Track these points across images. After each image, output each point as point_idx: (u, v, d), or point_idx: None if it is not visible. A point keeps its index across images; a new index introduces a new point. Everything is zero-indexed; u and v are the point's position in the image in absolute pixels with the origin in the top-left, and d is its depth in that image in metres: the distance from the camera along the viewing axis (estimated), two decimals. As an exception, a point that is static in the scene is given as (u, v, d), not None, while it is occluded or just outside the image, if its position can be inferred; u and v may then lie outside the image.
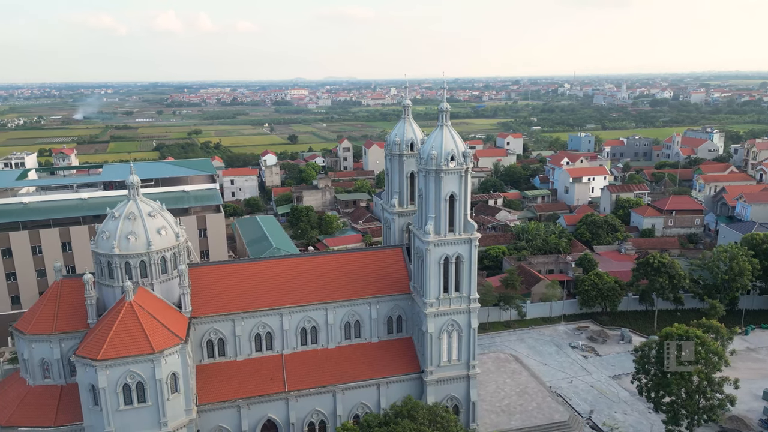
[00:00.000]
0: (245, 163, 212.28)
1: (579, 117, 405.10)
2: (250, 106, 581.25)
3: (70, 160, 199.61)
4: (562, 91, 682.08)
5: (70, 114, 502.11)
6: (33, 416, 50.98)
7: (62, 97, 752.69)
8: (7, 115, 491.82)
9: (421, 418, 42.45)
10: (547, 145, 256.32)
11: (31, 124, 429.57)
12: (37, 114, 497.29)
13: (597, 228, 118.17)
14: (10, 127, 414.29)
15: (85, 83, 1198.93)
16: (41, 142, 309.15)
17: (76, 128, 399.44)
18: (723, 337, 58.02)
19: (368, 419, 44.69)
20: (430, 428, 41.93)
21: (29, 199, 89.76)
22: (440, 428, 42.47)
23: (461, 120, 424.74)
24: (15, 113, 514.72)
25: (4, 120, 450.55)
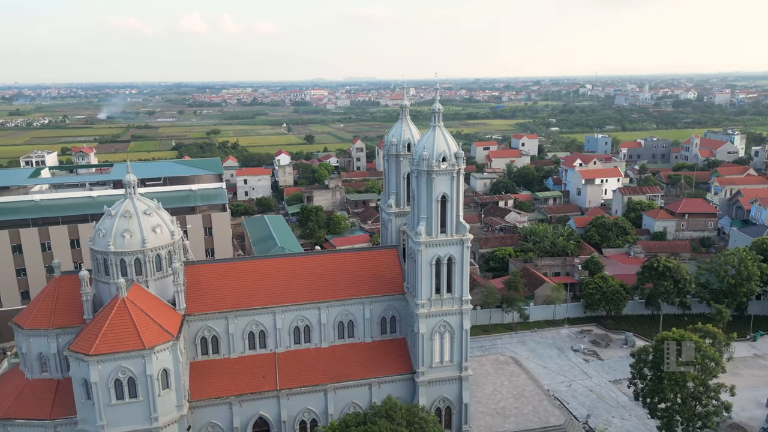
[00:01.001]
0: (260, 162, 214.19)
1: (598, 118, 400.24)
2: (269, 107, 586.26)
3: (89, 158, 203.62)
4: (583, 92, 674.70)
5: (94, 114, 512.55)
6: (29, 409, 52.21)
7: (88, 97, 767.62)
8: (33, 115, 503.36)
9: (399, 419, 42.51)
10: (564, 147, 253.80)
11: (56, 123, 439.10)
12: (63, 113, 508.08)
13: (607, 230, 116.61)
14: (35, 126, 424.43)
15: (110, 83, 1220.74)
16: (64, 141, 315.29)
17: (99, 127, 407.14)
18: (720, 342, 56.91)
19: (347, 418, 44.91)
20: (407, 429, 41.94)
21: (40, 197, 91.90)
22: (418, 429, 42.51)
23: (479, 120, 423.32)
24: (41, 113, 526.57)
25: (30, 119, 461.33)
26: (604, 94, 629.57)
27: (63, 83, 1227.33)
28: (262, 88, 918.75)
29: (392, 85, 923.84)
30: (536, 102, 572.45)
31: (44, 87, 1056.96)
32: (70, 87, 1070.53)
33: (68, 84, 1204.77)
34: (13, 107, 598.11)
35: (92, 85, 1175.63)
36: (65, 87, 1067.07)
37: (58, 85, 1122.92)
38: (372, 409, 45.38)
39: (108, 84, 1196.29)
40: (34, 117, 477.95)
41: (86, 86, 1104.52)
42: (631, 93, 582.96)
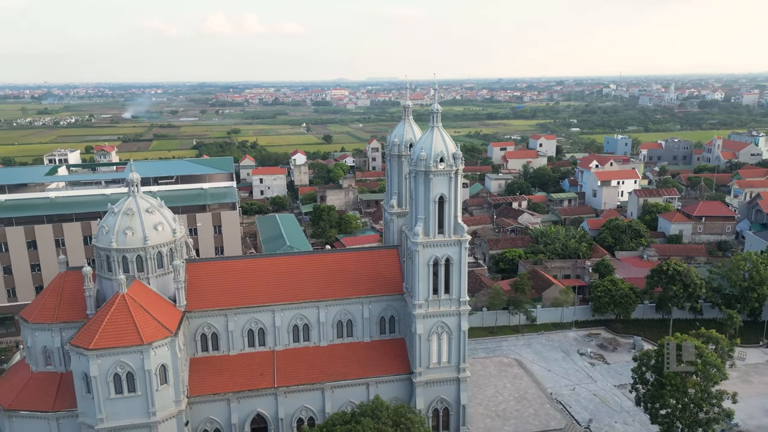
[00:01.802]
0: (276, 162, 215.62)
1: (621, 119, 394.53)
2: (290, 106, 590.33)
3: (110, 157, 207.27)
4: (606, 92, 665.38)
5: (120, 113, 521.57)
6: (33, 401, 53.58)
7: (114, 97, 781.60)
8: (61, 114, 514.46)
9: (385, 418, 42.56)
10: (583, 148, 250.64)
11: (82, 122, 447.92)
12: (89, 113, 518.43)
13: (620, 233, 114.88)
14: (62, 125, 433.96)
15: (137, 83, 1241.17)
16: (89, 139, 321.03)
17: (123, 127, 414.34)
18: (723, 348, 55.75)
19: (334, 417, 45.13)
20: (393, 428, 41.98)
21: (55, 194, 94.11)
22: (404, 429, 42.52)
23: (499, 121, 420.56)
24: (69, 112, 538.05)
25: (57, 118, 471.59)
26: (629, 94, 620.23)
27: (91, 83, 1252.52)
28: (285, 88, 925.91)
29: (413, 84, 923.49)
30: (558, 102, 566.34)
31: (73, 87, 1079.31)
32: (98, 87, 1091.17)
33: (96, 84, 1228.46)
34: (42, 106, 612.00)
35: (119, 84, 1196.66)
36: (93, 87, 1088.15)
37: (86, 85, 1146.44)
38: (359, 408, 45.56)
39: (134, 84, 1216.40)
40: (62, 116, 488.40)
41: (113, 86, 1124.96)
42: (656, 93, 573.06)
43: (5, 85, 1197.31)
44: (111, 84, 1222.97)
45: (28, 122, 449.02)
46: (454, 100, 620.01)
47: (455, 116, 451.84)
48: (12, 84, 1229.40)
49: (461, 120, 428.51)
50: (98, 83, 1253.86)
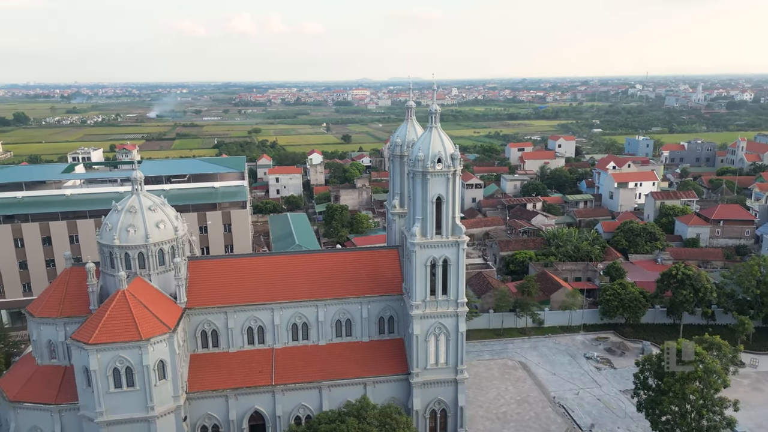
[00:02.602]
0: (294, 161, 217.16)
1: (645, 119, 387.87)
2: (312, 106, 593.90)
3: (132, 155, 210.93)
4: (632, 93, 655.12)
5: (145, 112, 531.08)
6: (37, 393, 54.90)
7: (141, 96, 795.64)
8: (88, 113, 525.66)
9: (370, 418, 42.62)
10: (604, 149, 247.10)
11: (108, 121, 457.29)
12: (116, 112, 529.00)
13: (635, 236, 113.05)
14: (89, 123, 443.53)
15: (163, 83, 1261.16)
16: (114, 138, 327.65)
17: (148, 126, 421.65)
18: (725, 355, 54.52)
19: (319, 417, 45.34)
20: (378, 429, 42.01)
21: (71, 192, 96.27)
22: (389, 429, 42.51)
23: (520, 121, 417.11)
24: (96, 111, 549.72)
25: (85, 117, 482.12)
26: (655, 94, 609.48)
27: (119, 83, 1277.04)
28: (307, 88, 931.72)
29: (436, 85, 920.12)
30: (581, 103, 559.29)
31: (101, 86, 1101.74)
32: (126, 86, 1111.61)
33: (124, 84, 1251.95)
34: (71, 105, 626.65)
35: (146, 84, 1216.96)
36: (121, 86, 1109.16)
37: (114, 85, 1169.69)
38: (347, 407, 45.69)
39: (161, 84, 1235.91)
40: (89, 115, 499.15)
41: (141, 86, 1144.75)
42: (683, 93, 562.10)
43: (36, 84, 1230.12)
44: (138, 84, 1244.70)
45: (56, 121, 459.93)
46: (476, 100, 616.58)
47: (476, 116, 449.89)
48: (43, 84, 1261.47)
49: (482, 120, 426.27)
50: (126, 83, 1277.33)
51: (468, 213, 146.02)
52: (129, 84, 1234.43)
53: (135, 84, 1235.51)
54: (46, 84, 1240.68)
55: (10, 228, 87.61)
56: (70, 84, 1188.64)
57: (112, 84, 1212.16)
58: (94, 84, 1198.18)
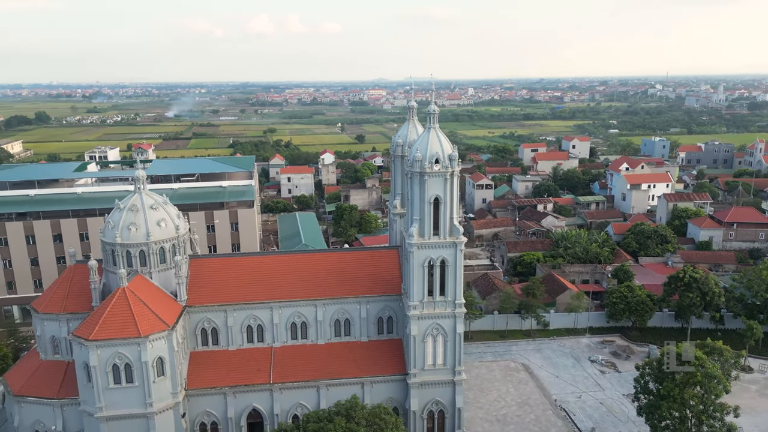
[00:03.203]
0: (307, 161, 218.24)
1: (664, 120, 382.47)
2: (327, 106, 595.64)
3: (147, 154, 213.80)
4: (652, 93, 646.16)
5: (164, 112, 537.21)
6: (40, 388, 56.00)
7: (160, 96, 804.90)
8: (108, 112, 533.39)
9: (359, 418, 42.68)
10: (620, 150, 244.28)
11: (127, 120, 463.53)
12: (135, 111, 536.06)
13: (645, 238, 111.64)
14: (108, 123, 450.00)
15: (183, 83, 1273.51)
16: (132, 137, 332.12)
17: (166, 125, 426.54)
18: (727, 360, 53.61)
19: (308, 416, 45.54)
20: (365, 429, 42.05)
21: (82, 190, 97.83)
22: (377, 429, 42.53)
23: (536, 122, 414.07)
24: (116, 111, 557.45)
25: (105, 117, 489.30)
26: (675, 95, 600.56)
27: (140, 83, 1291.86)
28: (324, 88, 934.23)
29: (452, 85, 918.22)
30: (599, 103, 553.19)
31: (122, 86, 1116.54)
32: (146, 86, 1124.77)
33: (144, 83, 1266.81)
34: (92, 105, 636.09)
35: (166, 84, 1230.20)
36: (141, 86, 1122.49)
37: (135, 85, 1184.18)
38: (336, 407, 45.85)
39: (180, 83, 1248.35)
40: (109, 114, 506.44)
41: (160, 86, 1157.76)
42: (704, 94, 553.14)
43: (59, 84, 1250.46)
44: (158, 84, 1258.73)
45: (77, 120, 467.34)
46: (492, 100, 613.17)
47: (491, 116, 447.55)
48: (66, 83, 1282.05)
49: (497, 120, 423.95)
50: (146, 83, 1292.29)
51: (478, 214, 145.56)
52: (149, 84, 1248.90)
53: (155, 84, 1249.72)
54: (68, 84, 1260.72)
55: (22, 225, 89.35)
56: (91, 84, 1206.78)
57: (132, 84, 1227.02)
58: (116, 84, 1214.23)
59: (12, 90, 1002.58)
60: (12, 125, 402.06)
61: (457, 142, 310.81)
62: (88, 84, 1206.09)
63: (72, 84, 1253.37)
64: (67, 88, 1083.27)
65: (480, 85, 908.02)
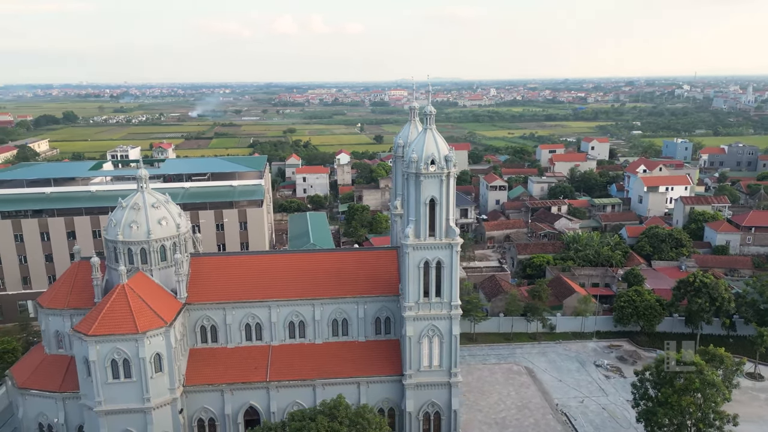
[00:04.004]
0: (323, 161, 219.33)
1: (689, 121, 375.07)
2: (348, 107, 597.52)
3: (167, 153, 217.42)
4: (679, 93, 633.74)
5: (188, 111, 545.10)
6: (43, 381, 57.32)
7: (185, 96, 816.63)
8: (134, 112, 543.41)
9: (342, 417, 42.75)
10: (641, 151, 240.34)
11: (152, 120, 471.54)
12: (160, 111, 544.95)
13: (660, 242, 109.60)
14: (134, 122, 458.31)
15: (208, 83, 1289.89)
16: (156, 137, 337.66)
17: (189, 125, 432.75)
18: (727, 367, 52.40)
19: (293, 414, 45.74)
20: (347, 428, 42.11)
21: (96, 188, 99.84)
22: (360, 430, 42.56)
23: (557, 122, 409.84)
24: (141, 110, 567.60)
25: (130, 116, 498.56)
26: (703, 95, 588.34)
27: (166, 83, 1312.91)
28: (346, 88, 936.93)
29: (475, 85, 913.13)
30: (624, 104, 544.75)
31: (149, 86, 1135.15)
32: (172, 87, 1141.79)
33: (171, 84, 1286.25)
34: (119, 105, 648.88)
35: (192, 84, 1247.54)
36: (168, 87, 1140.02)
37: (161, 85, 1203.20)
38: (321, 406, 45.99)
39: (206, 84, 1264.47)
40: (134, 114, 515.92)
41: (186, 86, 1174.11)
42: (732, 95, 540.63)
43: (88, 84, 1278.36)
44: (184, 84, 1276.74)
45: (103, 120, 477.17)
46: (514, 101, 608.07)
47: (512, 117, 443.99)
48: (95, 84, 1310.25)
49: (518, 121, 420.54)
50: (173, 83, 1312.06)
51: (491, 215, 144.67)
52: (175, 84, 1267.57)
53: (181, 84, 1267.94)
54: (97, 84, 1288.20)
55: (37, 222, 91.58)
56: (120, 84, 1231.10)
57: (159, 84, 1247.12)
58: (143, 84, 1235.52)
59: (43, 90, 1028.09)
60: (41, 124, 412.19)
61: (475, 142, 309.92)
62: (117, 84, 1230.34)
63: (101, 84, 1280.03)
64: (96, 88, 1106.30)
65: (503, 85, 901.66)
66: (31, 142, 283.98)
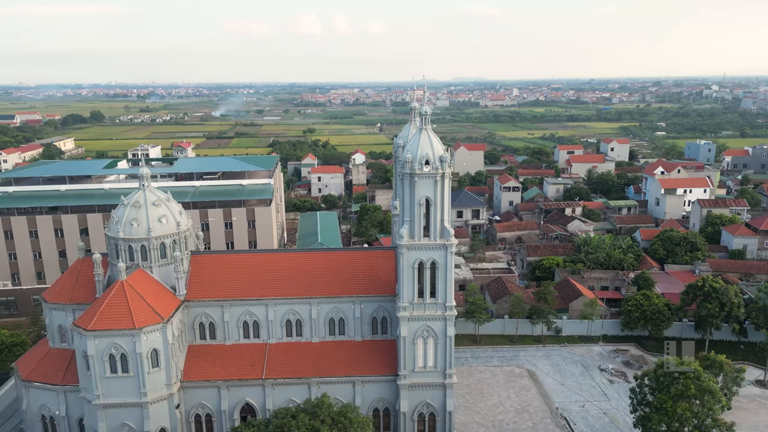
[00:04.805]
0: (340, 161, 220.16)
1: (716, 123, 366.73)
2: (369, 107, 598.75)
3: (186, 153, 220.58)
4: (707, 94, 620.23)
5: (211, 111, 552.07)
6: (46, 374, 58.68)
7: (210, 96, 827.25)
8: (159, 112, 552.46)
9: (323, 416, 42.84)
10: (663, 153, 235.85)
11: (175, 120, 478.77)
12: (184, 111, 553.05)
13: (674, 245, 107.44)
14: (158, 122, 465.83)
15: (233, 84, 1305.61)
16: (178, 136, 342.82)
17: (211, 124, 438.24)
18: (727, 374, 51.16)
19: (276, 412, 45.96)
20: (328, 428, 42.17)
21: (110, 186, 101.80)
22: (341, 429, 42.59)
23: (580, 123, 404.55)
24: (166, 110, 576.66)
25: (155, 116, 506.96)
26: (732, 96, 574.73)
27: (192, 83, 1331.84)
28: (368, 88, 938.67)
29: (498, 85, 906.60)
30: (650, 104, 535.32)
31: (175, 86, 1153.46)
32: (198, 87, 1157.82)
33: (197, 84, 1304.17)
34: (144, 104, 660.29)
35: (217, 85, 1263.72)
36: (193, 87, 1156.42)
37: (187, 85, 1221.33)
38: (304, 404, 46.16)
39: (230, 84, 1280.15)
40: (159, 114, 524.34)
41: (211, 86, 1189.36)
42: (762, 95, 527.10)
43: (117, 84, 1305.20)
44: (209, 84, 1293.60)
45: (129, 119, 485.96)
46: (537, 101, 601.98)
47: (534, 117, 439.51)
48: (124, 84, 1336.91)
49: (540, 122, 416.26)
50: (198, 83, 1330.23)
51: (504, 216, 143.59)
52: (201, 84, 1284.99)
53: (206, 84, 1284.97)
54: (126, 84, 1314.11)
55: (51, 219, 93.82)
56: (147, 84, 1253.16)
57: (185, 84, 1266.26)
58: (170, 84, 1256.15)
59: (73, 90, 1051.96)
60: (68, 123, 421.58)
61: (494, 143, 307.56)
62: (144, 84, 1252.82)
63: (129, 84, 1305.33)
64: (124, 88, 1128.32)
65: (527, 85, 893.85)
66: (57, 140, 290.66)
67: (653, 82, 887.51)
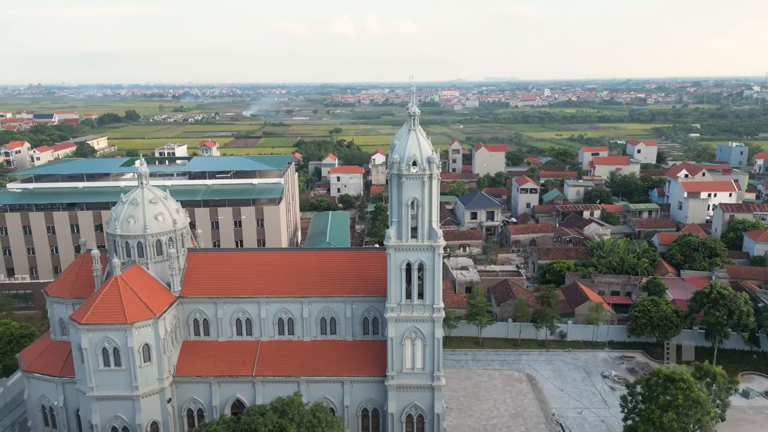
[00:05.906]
0: (362, 161, 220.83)
1: (754, 124, 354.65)
2: (398, 107, 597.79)
3: (211, 152, 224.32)
4: (747, 95, 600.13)
5: (242, 111, 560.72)
6: (46, 365, 60.56)
7: (243, 96, 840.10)
8: (192, 111, 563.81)
9: (292, 415, 42.97)
10: (693, 155, 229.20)
11: (207, 119, 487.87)
12: (216, 111, 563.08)
13: (692, 250, 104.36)
14: (190, 121, 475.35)
15: (266, 84, 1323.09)
16: (208, 135, 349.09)
17: (241, 124, 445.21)
18: (720, 385, 49.42)
19: (249, 409, 46.30)
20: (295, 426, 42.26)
21: (125, 184, 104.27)
22: (309, 428, 42.66)
23: (611, 124, 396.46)
24: (199, 110, 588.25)
25: (187, 115, 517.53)
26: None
27: (226, 83, 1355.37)
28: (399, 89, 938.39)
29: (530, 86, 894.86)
30: (686, 105, 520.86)
31: (210, 87, 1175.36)
32: (232, 87, 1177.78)
33: (231, 84, 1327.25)
34: (179, 104, 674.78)
35: (250, 85, 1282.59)
36: (227, 87, 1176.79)
37: (221, 85, 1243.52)
38: (276, 403, 46.36)
39: (264, 84, 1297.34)
40: (192, 113, 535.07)
41: (245, 86, 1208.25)
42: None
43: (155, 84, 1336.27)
44: (243, 84, 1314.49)
45: (162, 119, 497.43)
46: (569, 102, 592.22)
47: (564, 118, 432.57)
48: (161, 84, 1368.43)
49: (571, 122, 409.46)
50: (233, 83, 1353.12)
51: (521, 218, 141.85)
52: (235, 84, 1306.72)
53: (240, 84, 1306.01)
54: (163, 84, 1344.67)
55: (67, 215, 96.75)
56: (184, 84, 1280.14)
57: (220, 84, 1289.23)
58: (205, 84, 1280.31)
59: (112, 90, 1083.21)
60: (104, 122, 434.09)
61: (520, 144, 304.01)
62: (181, 85, 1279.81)
63: (166, 84, 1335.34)
64: (161, 88, 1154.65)
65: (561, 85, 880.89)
66: (90, 139, 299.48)
67: (692, 83, 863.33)
